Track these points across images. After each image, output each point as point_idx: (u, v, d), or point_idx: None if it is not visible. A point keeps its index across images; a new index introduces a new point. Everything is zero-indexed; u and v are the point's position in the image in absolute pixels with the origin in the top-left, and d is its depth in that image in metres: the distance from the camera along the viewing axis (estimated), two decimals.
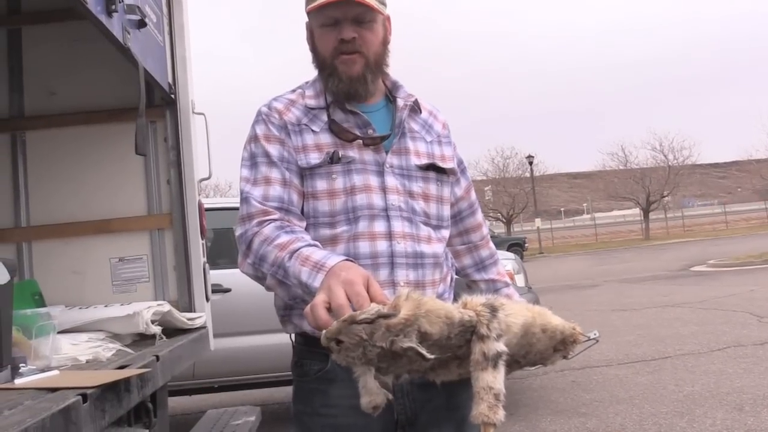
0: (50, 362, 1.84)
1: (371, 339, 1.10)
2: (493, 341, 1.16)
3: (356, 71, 1.50)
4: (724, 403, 4.62)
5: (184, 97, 3.04)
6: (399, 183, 1.51)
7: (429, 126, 1.63)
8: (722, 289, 11.01)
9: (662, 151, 45.43)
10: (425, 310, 1.13)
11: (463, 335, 1.18)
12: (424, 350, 1.10)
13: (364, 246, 1.45)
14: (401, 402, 1.47)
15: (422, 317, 1.12)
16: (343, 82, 1.50)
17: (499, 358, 1.15)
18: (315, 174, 1.47)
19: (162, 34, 2.87)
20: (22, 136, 3.04)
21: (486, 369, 1.15)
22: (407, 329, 1.11)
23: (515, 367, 1.35)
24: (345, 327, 1.11)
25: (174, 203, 3.03)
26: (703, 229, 44.52)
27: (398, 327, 1.10)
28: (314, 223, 1.48)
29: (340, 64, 1.50)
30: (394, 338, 1.10)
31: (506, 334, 1.19)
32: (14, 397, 1.44)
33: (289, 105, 1.54)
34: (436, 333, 1.13)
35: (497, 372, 1.14)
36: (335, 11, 1.47)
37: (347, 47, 1.48)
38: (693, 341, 6.95)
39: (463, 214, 1.73)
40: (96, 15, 1.97)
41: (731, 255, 18.03)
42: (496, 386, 1.13)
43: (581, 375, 5.90)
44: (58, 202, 3.01)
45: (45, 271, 2.95)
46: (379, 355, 1.12)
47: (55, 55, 3.06)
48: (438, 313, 1.14)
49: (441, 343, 1.15)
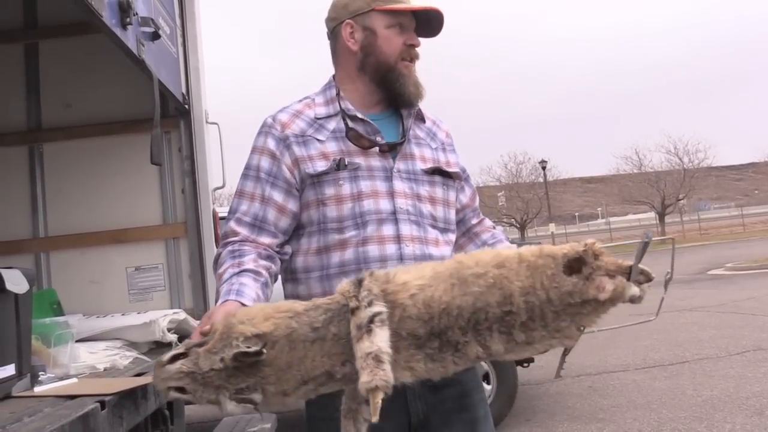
0: (69, 370, 1.87)
1: (199, 368, 1.14)
2: (364, 309, 1.15)
3: (416, 78, 1.57)
4: (744, 408, 4.56)
5: (198, 107, 3.07)
6: (407, 187, 1.54)
7: (433, 134, 1.67)
8: (740, 292, 10.86)
9: (677, 154, 45.15)
10: (241, 318, 1.16)
11: (343, 319, 1.18)
12: (248, 348, 1.12)
13: (373, 249, 1.47)
14: (414, 404, 1.48)
15: (239, 324, 1.15)
16: (412, 86, 1.56)
17: (372, 320, 1.14)
18: (323, 181, 1.50)
19: (175, 45, 2.91)
20: (39, 148, 3.10)
21: (361, 338, 1.13)
22: (229, 341, 1.14)
23: (515, 324, 1.21)
24: (157, 371, 1.17)
25: (189, 212, 3.06)
26: (719, 232, 44.03)
27: (218, 346, 1.14)
28: (324, 228, 1.51)
29: (404, 69, 1.55)
30: (223, 356, 1.13)
31: (394, 294, 1.19)
32: (34, 404, 1.46)
33: (294, 117, 1.57)
34: (280, 329, 1.15)
35: (373, 336, 1.12)
36: (407, 20, 1.55)
37: (415, 54, 1.56)
38: (711, 345, 6.86)
39: (471, 221, 1.74)
40: (111, 28, 2.00)
41: (749, 258, 17.80)
42: (372, 349, 1.11)
43: (598, 380, 5.85)
44: (75, 212, 3.05)
45: (63, 280, 2.99)
46: (227, 377, 1.14)
47: (71, 69, 3.12)
48: (267, 313, 1.17)
49: (314, 336, 1.17)
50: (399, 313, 1.18)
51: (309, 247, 1.53)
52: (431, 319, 1.18)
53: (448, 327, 1.19)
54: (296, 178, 1.52)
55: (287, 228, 1.54)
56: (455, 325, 1.19)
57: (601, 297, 1.19)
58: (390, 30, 1.54)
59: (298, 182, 1.52)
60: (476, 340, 1.21)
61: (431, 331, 1.19)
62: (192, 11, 3.14)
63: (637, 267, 1.22)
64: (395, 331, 1.18)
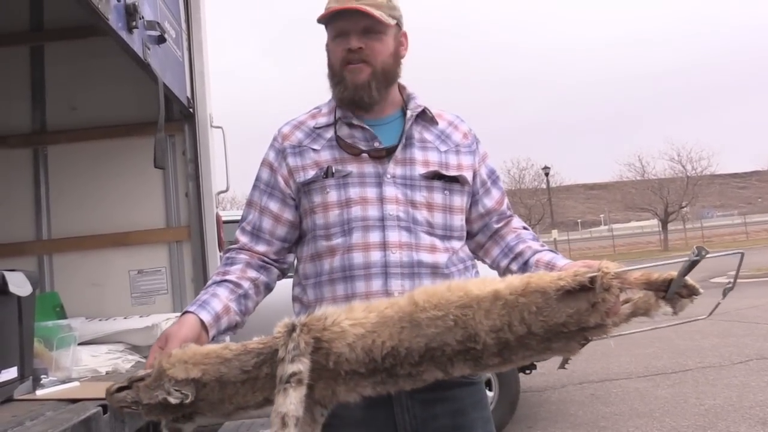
0: (71, 373, 1.87)
1: (140, 399, 1.21)
2: (287, 363, 1.15)
3: (361, 79, 1.54)
4: (747, 417, 4.53)
5: (203, 111, 3.08)
6: (400, 193, 1.52)
7: (446, 136, 1.63)
8: (743, 300, 10.83)
9: (680, 162, 45.03)
10: (173, 361, 1.20)
11: (275, 361, 1.17)
12: (172, 397, 1.17)
13: (358, 257, 1.47)
14: (402, 417, 1.46)
15: (171, 368, 1.20)
16: (348, 90, 1.54)
17: (289, 380, 1.13)
18: (310, 189, 1.54)
19: (181, 49, 2.92)
20: (44, 150, 3.10)
21: (279, 392, 1.13)
22: (161, 383, 1.19)
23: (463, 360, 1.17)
24: (108, 397, 1.24)
25: (192, 216, 3.06)
26: (723, 240, 43.90)
27: (154, 384, 1.19)
28: (314, 236, 1.54)
29: (348, 73, 1.54)
30: (157, 393, 1.19)
31: (330, 342, 1.17)
32: (36, 407, 1.46)
33: (295, 128, 1.61)
34: (208, 374, 1.19)
35: (286, 395, 1.12)
36: (344, 23, 1.53)
37: (353, 56, 1.53)
38: (714, 354, 6.84)
39: (497, 225, 1.65)
40: (117, 31, 2.01)
41: (752, 266, 17.73)
42: (282, 409, 1.11)
43: (600, 388, 5.82)
44: (79, 215, 3.05)
45: (65, 283, 2.99)
46: (163, 408, 1.20)
47: (77, 71, 3.13)
48: (196, 359, 1.20)
49: (245, 378, 1.19)
50: (334, 359, 1.17)
51: (305, 255, 1.57)
52: (372, 361, 1.17)
53: (394, 365, 1.17)
54: (291, 188, 1.57)
55: (285, 236, 1.58)
56: (405, 362, 1.17)
57: (609, 323, 1.12)
58: (333, 41, 1.56)
59: (293, 192, 1.57)
60: (435, 367, 1.18)
61: (375, 369, 1.17)
62: (198, 15, 3.15)
63: (680, 281, 1.16)
64: (332, 369, 1.18)
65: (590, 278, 1.10)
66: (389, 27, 1.55)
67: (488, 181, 1.67)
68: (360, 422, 1.29)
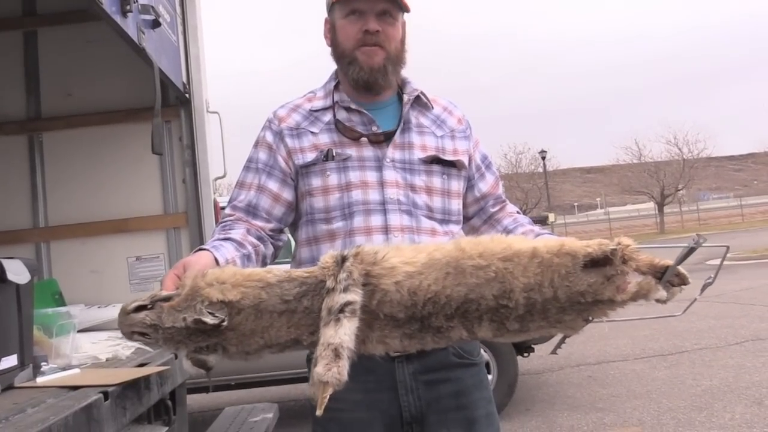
0: (71, 361, 1.87)
1: (162, 322, 1.11)
2: (339, 293, 1.10)
3: (377, 62, 1.52)
4: (743, 398, 4.57)
5: (199, 96, 3.05)
6: (400, 177, 1.52)
7: (441, 121, 1.63)
8: (739, 282, 10.88)
9: (677, 144, 45.07)
10: (210, 281, 1.12)
11: (317, 294, 1.13)
12: (207, 318, 1.08)
13: (361, 241, 1.46)
14: (406, 398, 1.46)
15: (206, 287, 1.11)
16: (364, 71, 1.53)
17: (343, 309, 1.09)
18: (310, 172, 1.52)
19: (176, 33, 2.89)
20: (39, 137, 3.08)
21: (328, 324, 1.09)
22: (193, 303, 1.10)
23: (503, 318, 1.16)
24: (122, 317, 1.15)
25: (189, 202, 3.05)
26: (719, 222, 44.05)
27: (183, 305, 1.10)
28: (312, 219, 1.53)
29: (361, 55, 1.52)
30: (185, 315, 1.10)
31: (378, 278, 1.14)
32: (37, 395, 1.46)
33: (292, 111, 1.60)
34: (247, 299, 1.12)
35: (339, 326, 1.08)
36: (363, 4, 1.50)
37: (371, 39, 1.51)
38: (710, 335, 6.88)
39: (492, 209, 1.67)
40: (111, 15, 1.98)
41: (748, 248, 17.81)
42: (335, 340, 1.07)
43: (598, 370, 5.86)
44: (76, 202, 3.04)
45: (63, 270, 2.98)
46: (188, 335, 1.11)
47: (71, 57, 3.09)
48: (236, 280, 1.13)
49: (283, 308, 1.13)
50: (379, 297, 1.14)
51: (302, 238, 1.56)
52: (414, 305, 1.15)
53: (432, 314, 1.15)
54: (291, 168, 1.55)
55: (282, 216, 1.56)
56: (440, 313, 1.15)
57: (619, 299, 1.15)
58: (346, 19, 1.53)
59: (293, 172, 1.55)
60: (462, 325, 1.17)
61: (412, 316, 1.15)
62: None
63: (674, 269, 1.18)
64: (373, 311, 1.14)
65: (612, 249, 1.14)
66: (400, 13, 1.55)
67: (482, 166, 1.68)
68: (364, 405, 1.28)
